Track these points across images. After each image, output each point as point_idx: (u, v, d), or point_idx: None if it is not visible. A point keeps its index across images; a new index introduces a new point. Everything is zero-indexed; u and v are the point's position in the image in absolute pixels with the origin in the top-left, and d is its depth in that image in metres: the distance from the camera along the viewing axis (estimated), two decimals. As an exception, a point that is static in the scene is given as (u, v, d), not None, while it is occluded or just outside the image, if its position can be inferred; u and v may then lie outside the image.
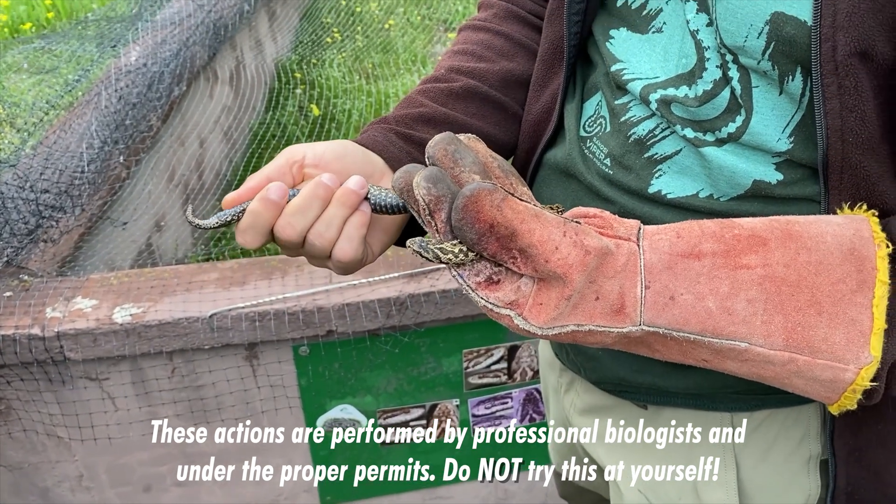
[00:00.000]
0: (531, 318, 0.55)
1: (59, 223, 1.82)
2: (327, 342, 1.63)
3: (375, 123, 0.81)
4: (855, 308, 0.56)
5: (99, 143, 2.02)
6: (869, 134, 0.59)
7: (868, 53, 0.56)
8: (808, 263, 0.56)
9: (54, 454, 1.70)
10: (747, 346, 0.56)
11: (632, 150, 0.73)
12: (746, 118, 0.65)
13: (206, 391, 1.64)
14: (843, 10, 0.56)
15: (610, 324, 0.56)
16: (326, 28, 4.95)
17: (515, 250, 0.54)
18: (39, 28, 4.90)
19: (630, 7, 0.75)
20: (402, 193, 0.58)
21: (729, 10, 0.61)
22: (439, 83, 0.85)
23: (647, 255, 0.56)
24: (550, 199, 0.83)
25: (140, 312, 1.57)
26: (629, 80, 0.74)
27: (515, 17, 0.93)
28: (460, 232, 0.54)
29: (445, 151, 0.58)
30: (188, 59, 2.61)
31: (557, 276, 0.54)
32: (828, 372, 0.56)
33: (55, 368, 1.58)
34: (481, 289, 0.56)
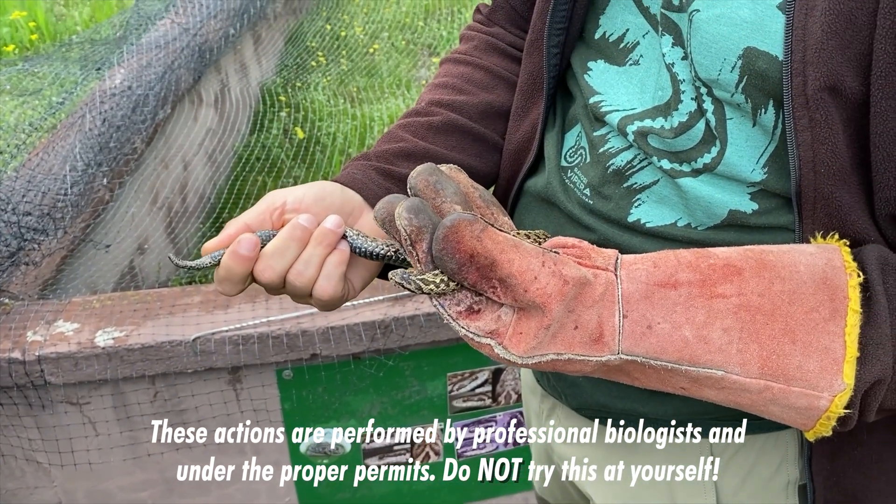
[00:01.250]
0: (511, 347, 0.56)
1: (41, 246, 1.81)
2: (311, 366, 1.62)
3: (356, 160, 0.83)
4: (828, 336, 0.57)
5: (83, 165, 2.01)
6: (840, 165, 0.60)
7: (837, 88, 0.58)
8: (782, 293, 0.57)
9: (32, 480, 1.68)
10: (723, 374, 0.56)
11: (611, 180, 0.75)
12: (721, 149, 0.67)
13: (188, 415, 1.63)
14: (812, 46, 0.57)
15: (589, 353, 0.57)
16: (311, 52, 4.98)
17: (495, 280, 0.55)
18: (23, 50, 4.89)
19: (608, 40, 0.77)
20: (383, 224, 0.59)
21: (703, 45, 0.63)
22: (420, 117, 0.87)
23: (624, 284, 0.57)
24: (532, 227, 0.85)
25: (122, 336, 1.56)
26: (607, 111, 0.75)
27: (495, 49, 0.95)
28: (441, 262, 0.55)
29: (427, 182, 0.59)
30: (173, 83, 2.62)
31: (536, 306, 0.55)
32: (803, 399, 0.57)
33: (35, 392, 1.56)
34: (462, 318, 0.57)
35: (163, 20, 3.04)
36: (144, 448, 1.65)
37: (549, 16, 0.77)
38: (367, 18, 5.82)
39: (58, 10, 5.67)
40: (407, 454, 1.80)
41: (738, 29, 0.61)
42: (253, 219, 0.70)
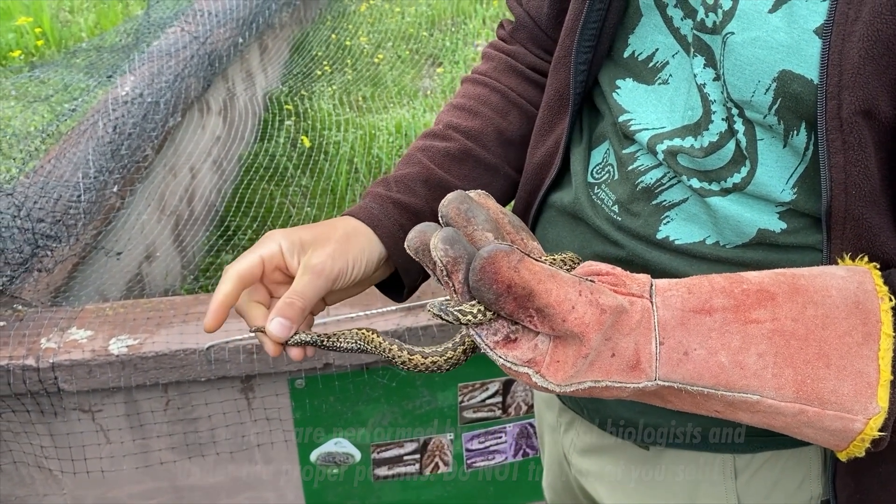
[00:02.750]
0: (549, 376, 0.56)
1: (54, 252, 1.81)
2: (324, 375, 1.63)
3: (377, 186, 0.86)
4: (861, 360, 0.57)
5: (94, 172, 2.02)
6: (871, 187, 0.61)
7: (871, 112, 0.59)
8: (815, 317, 0.58)
9: (42, 487, 1.68)
10: (759, 398, 0.57)
11: (640, 197, 0.76)
12: (751, 169, 0.67)
13: (200, 424, 1.63)
14: (848, 70, 0.58)
15: (626, 380, 0.57)
16: (317, 61, 5.00)
17: (532, 310, 0.55)
18: (28, 56, 4.90)
19: (637, 59, 0.78)
20: (416, 253, 0.60)
21: (737, 67, 0.64)
22: (437, 141, 0.90)
23: (660, 311, 0.58)
24: (556, 240, 0.85)
25: (136, 344, 1.56)
26: (636, 130, 0.76)
27: (514, 70, 0.96)
28: (478, 293, 0.55)
29: (458, 210, 0.59)
30: (182, 91, 2.63)
31: (574, 335, 0.55)
32: (837, 422, 0.57)
33: (48, 400, 1.56)
34: (499, 347, 0.57)
35: (172, 28, 3.05)
36: (156, 456, 1.65)
37: (579, 33, 0.78)
38: (371, 28, 5.85)
39: (63, 17, 5.69)
40: (416, 464, 1.80)
41: (773, 52, 0.61)
42: (245, 269, 0.75)
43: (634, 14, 0.77)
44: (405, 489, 1.83)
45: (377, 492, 1.81)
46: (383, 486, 1.80)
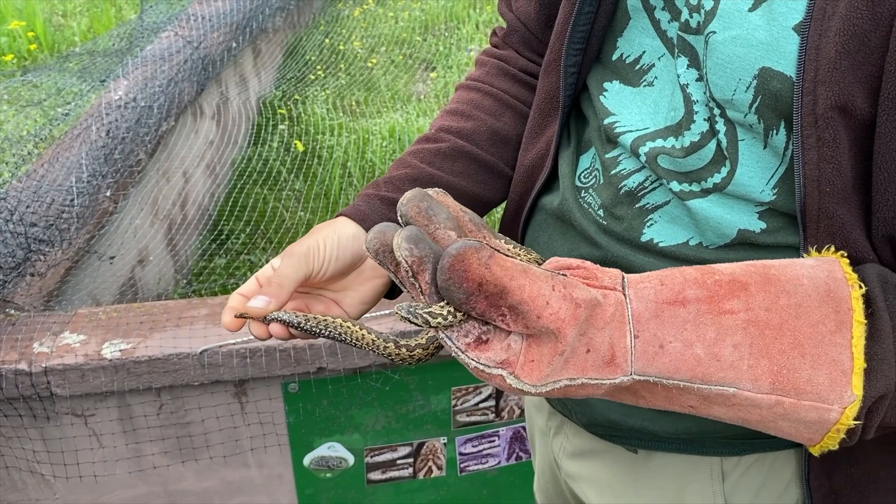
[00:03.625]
0: (524, 377, 0.54)
1: (47, 257, 1.81)
2: (317, 379, 1.63)
3: (368, 188, 0.88)
4: (835, 349, 0.57)
5: (88, 176, 2.02)
6: (843, 184, 0.61)
7: (847, 108, 0.59)
8: (788, 307, 0.57)
9: (34, 492, 1.67)
10: (735, 390, 0.56)
11: (623, 201, 0.76)
12: (731, 169, 0.68)
13: (193, 428, 1.63)
14: (824, 65, 0.58)
15: (602, 375, 0.56)
16: (310, 65, 5.00)
17: (505, 308, 0.53)
18: (21, 60, 4.89)
19: (624, 61, 0.79)
20: (377, 255, 0.57)
21: (719, 65, 0.64)
22: (429, 143, 0.91)
23: (633, 304, 0.57)
24: (547, 244, 0.86)
25: (129, 348, 1.56)
26: (621, 132, 0.77)
27: (506, 74, 0.97)
28: (447, 292, 0.53)
29: (419, 209, 0.58)
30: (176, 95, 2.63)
31: (550, 332, 0.54)
32: (813, 413, 0.57)
33: (41, 404, 1.56)
34: (471, 350, 0.55)
35: (166, 32, 3.05)
36: (149, 460, 1.65)
37: (568, 36, 0.79)
38: (365, 33, 5.86)
39: (56, 21, 5.68)
40: (410, 468, 1.80)
41: (753, 50, 0.62)
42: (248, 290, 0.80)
43: (623, 17, 0.78)
44: (398, 493, 1.83)
45: (370, 496, 1.81)
46: (377, 491, 1.80)
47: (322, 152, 3.91)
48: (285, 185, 3.68)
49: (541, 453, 1.05)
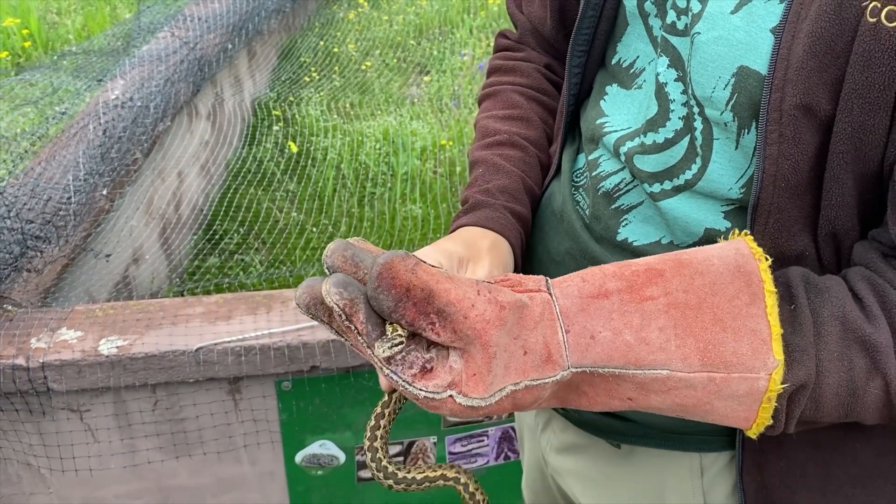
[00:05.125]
0: (471, 392, 0.55)
1: (44, 254, 1.83)
2: (310, 378, 1.66)
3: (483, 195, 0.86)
4: (753, 319, 0.60)
5: (84, 174, 2.04)
6: (797, 181, 0.65)
7: (811, 108, 0.62)
8: (703, 286, 0.60)
9: (29, 486, 1.69)
10: (668, 372, 0.58)
11: (600, 201, 0.81)
12: (702, 166, 0.72)
13: (187, 424, 1.65)
14: (793, 65, 0.62)
15: (542, 375, 0.57)
16: (304, 67, 5.03)
17: (433, 314, 0.54)
18: (15, 57, 4.89)
19: (621, 65, 0.83)
20: (308, 310, 0.57)
21: (701, 64, 0.68)
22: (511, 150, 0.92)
23: (560, 301, 0.59)
24: (542, 237, 0.90)
25: (126, 345, 1.58)
26: (607, 132, 0.81)
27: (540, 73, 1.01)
28: (377, 301, 0.54)
29: (344, 257, 0.57)
30: (172, 95, 2.65)
31: (477, 337, 0.55)
32: (743, 384, 0.59)
33: (37, 399, 1.58)
34: (418, 380, 0.55)
35: (162, 33, 3.07)
36: (143, 456, 1.67)
37: (573, 39, 0.84)
38: (359, 36, 5.89)
39: (50, 18, 5.68)
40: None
41: (733, 49, 0.66)
42: None
43: (622, 23, 0.82)
44: (388, 491, 1.85)
45: (360, 493, 1.84)
46: (367, 488, 1.83)
47: (316, 154, 3.94)
48: (279, 186, 3.70)
49: (529, 450, 1.08)
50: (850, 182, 0.64)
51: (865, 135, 0.61)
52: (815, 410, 0.62)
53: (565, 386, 0.60)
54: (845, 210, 0.65)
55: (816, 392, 0.61)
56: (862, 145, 0.62)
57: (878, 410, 0.62)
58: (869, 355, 0.60)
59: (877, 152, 0.62)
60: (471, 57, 5.53)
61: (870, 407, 0.62)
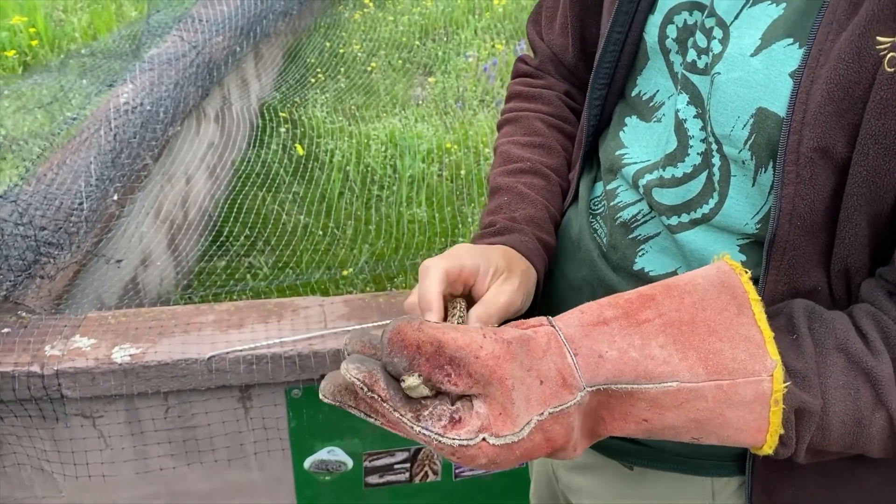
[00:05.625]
0: (501, 430, 0.57)
1: (56, 260, 1.86)
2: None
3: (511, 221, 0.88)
4: (744, 327, 0.62)
5: (95, 180, 2.06)
6: (813, 220, 0.67)
7: (828, 150, 0.64)
8: (692, 303, 0.63)
9: (41, 490, 1.72)
10: (678, 384, 0.60)
11: (618, 231, 0.83)
12: (720, 201, 0.74)
13: (199, 431, 1.67)
14: (812, 109, 0.64)
15: (562, 400, 0.59)
16: (310, 68, 5.04)
17: (446, 364, 0.56)
18: (22, 55, 4.91)
19: (641, 98, 0.85)
20: (335, 398, 0.59)
21: (721, 103, 0.70)
22: (535, 178, 0.94)
23: (563, 329, 0.62)
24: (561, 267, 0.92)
25: (139, 353, 1.61)
26: (626, 164, 0.83)
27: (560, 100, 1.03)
28: (392, 366, 0.56)
29: (361, 342, 0.61)
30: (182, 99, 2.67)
31: (492, 375, 0.57)
32: (749, 388, 0.61)
33: (51, 405, 1.60)
34: (450, 430, 0.56)
35: (171, 36, 3.09)
36: (155, 462, 1.69)
37: (594, 71, 0.86)
38: (364, 36, 5.90)
39: (57, 16, 5.69)
40: (406, 472, 1.85)
41: (752, 90, 0.68)
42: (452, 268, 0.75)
43: (643, 58, 0.84)
44: (395, 497, 1.88)
45: (367, 499, 1.86)
46: (373, 494, 1.85)
47: (322, 156, 3.96)
48: (283, 188, 3.72)
49: (539, 463, 1.10)
50: (863, 223, 0.66)
51: (880, 178, 0.63)
52: (823, 438, 0.64)
53: (588, 417, 0.62)
54: (857, 249, 0.67)
55: (824, 420, 0.63)
56: (876, 188, 0.64)
57: (883, 442, 0.64)
58: (872, 387, 0.62)
59: (890, 195, 0.64)
60: (475, 58, 5.55)
61: (875, 437, 0.63)
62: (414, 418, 0.56)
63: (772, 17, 0.68)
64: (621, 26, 0.83)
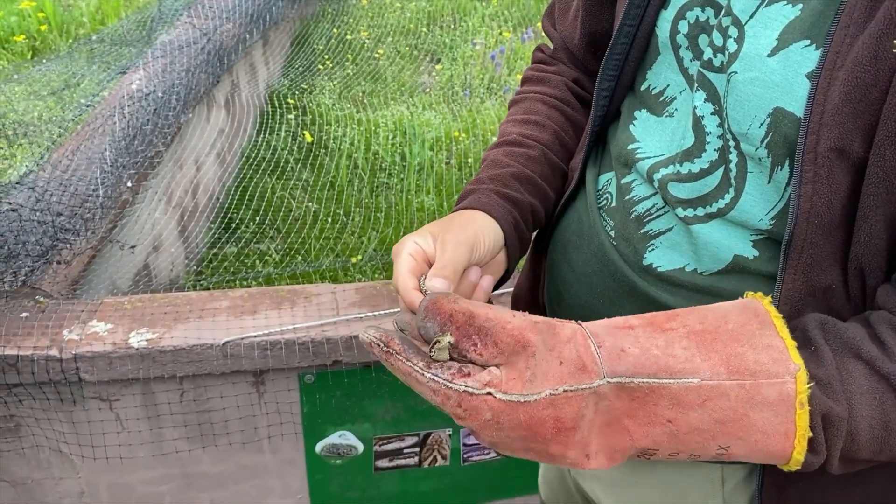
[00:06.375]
0: (511, 390, 0.59)
1: (73, 246, 1.88)
2: (333, 371, 1.71)
3: (474, 184, 0.94)
4: (766, 337, 0.64)
5: (109, 167, 2.08)
6: (830, 219, 0.68)
7: (845, 150, 0.66)
8: (715, 318, 0.66)
9: (58, 471, 1.75)
10: (700, 380, 0.62)
11: (631, 225, 0.85)
12: (735, 196, 0.75)
13: (213, 415, 1.70)
14: (829, 110, 0.66)
15: (579, 382, 0.61)
16: (318, 55, 5.05)
17: (475, 334, 0.60)
18: (31, 40, 4.92)
19: (651, 92, 0.87)
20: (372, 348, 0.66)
21: (738, 102, 0.72)
22: (519, 147, 0.98)
23: (589, 327, 0.65)
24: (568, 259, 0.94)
25: (155, 338, 1.63)
26: (640, 158, 0.85)
27: (565, 86, 1.06)
28: (425, 329, 0.61)
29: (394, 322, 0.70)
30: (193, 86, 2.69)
31: (517, 343, 0.60)
32: (772, 389, 0.62)
33: (68, 389, 1.64)
34: (457, 378, 0.60)
35: (182, 22, 3.10)
36: (170, 445, 1.73)
37: (604, 63, 0.88)
38: (371, 23, 5.89)
39: (65, 1, 5.70)
40: (416, 456, 1.88)
41: (769, 91, 0.69)
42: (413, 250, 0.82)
43: (654, 52, 0.85)
44: (404, 480, 1.91)
45: (377, 482, 1.89)
46: (383, 477, 1.89)
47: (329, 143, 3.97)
48: (292, 175, 3.74)
49: None
50: (879, 223, 0.67)
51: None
52: (852, 443, 0.64)
53: (608, 429, 0.63)
54: (873, 249, 0.68)
55: (851, 425, 0.64)
56: (893, 189, 0.65)
57: None
58: (894, 392, 0.64)
59: None
60: (483, 46, 5.54)
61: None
62: (425, 367, 0.61)
63: (788, 17, 0.70)
64: (633, 19, 0.84)
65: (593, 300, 0.88)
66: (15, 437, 1.68)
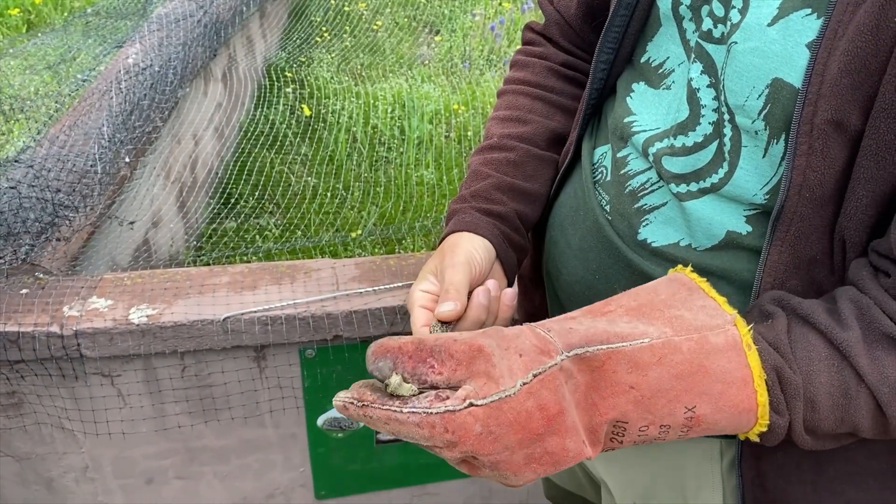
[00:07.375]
0: (488, 392, 0.60)
1: (72, 222, 1.88)
2: (334, 346, 1.71)
3: (457, 203, 0.95)
4: (697, 300, 0.68)
5: (106, 142, 2.07)
6: (822, 193, 0.68)
7: (842, 123, 0.65)
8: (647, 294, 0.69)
9: (62, 446, 1.76)
10: (650, 340, 0.64)
11: (625, 199, 0.84)
12: (729, 171, 0.75)
13: (215, 390, 1.71)
14: (828, 81, 0.65)
15: (543, 363, 0.62)
16: (315, 27, 5.00)
17: (429, 357, 0.61)
18: (26, 13, 4.87)
19: (650, 65, 0.86)
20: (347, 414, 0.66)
21: (737, 72, 0.71)
22: (498, 152, 0.98)
23: (536, 323, 0.67)
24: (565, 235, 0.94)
25: (155, 314, 1.64)
26: (636, 131, 0.84)
27: (550, 71, 1.04)
28: (378, 370, 0.62)
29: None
30: (190, 60, 2.66)
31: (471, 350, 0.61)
32: (718, 338, 0.65)
33: (70, 365, 1.64)
34: (435, 403, 0.59)
35: (177, -5, 3.06)
36: (172, 420, 1.74)
37: (603, 35, 0.87)
38: (369, -7, 5.83)
39: (59, -26, 5.62)
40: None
41: (768, 61, 0.69)
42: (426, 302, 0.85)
43: (654, 24, 0.84)
44: (405, 453, 1.93)
45: (378, 455, 1.91)
46: (384, 450, 1.90)
47: (328, 117, 3.95)
48: (291, 149, 3.72)
49: None
50: (867, 198, 0.67)
51: (890, 154, 0.64)
52: (813, 411, 0.65)
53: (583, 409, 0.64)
54: (857, 223, 0.68)
55: (810, 391, 0.65)
56: (885, 164, 0.65)
57: (872, 416, 0.65)
58: (847, 360, 0.64)
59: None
60: (482, 17, 5.49)
61: (862, 410, 0.65)
62: (402, 404, 0.60)
63: None
64: None
65: (590, 276, 0.88)
66: (17, 413, 1.69)
